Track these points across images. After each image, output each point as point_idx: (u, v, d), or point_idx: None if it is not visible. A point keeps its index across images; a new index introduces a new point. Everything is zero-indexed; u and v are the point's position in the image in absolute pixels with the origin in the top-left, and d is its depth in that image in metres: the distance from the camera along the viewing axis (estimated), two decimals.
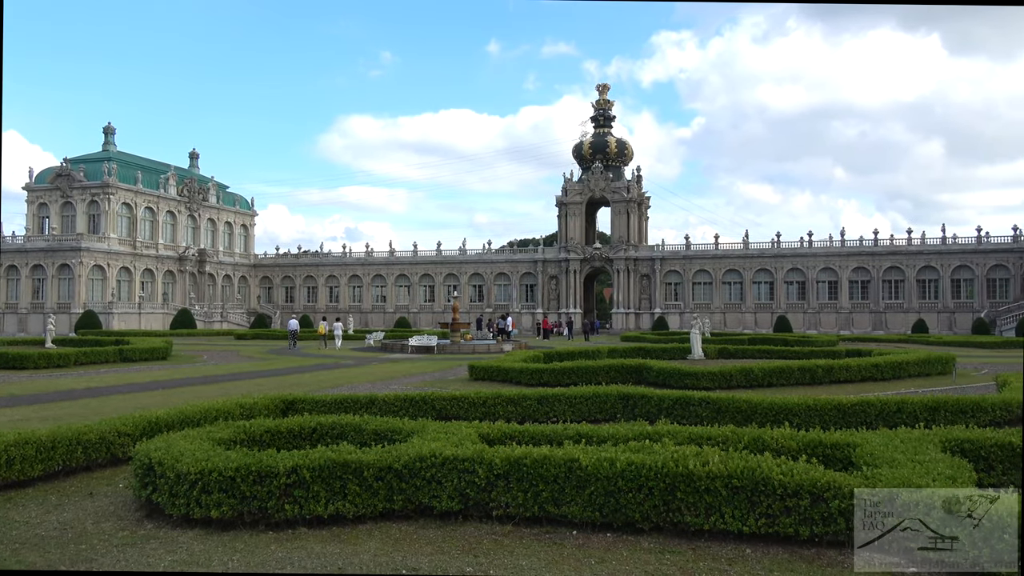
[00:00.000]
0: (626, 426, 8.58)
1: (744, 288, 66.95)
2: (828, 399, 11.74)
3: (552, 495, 6.77)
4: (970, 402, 11.68)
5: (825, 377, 18.95)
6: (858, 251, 64.65)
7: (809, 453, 7.57)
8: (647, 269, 69.15)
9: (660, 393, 13.02)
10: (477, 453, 7.03)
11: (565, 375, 18.62)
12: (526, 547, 6.31)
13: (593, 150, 72.64)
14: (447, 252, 75.66)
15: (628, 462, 6.62)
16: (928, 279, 63.14)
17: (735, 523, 6.31)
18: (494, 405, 12.54)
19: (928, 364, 21.07)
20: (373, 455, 7.06)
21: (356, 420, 9.19)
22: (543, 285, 71.47)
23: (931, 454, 7.07)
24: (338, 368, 25.74)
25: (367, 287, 76.65)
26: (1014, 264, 61.34)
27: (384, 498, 6.97)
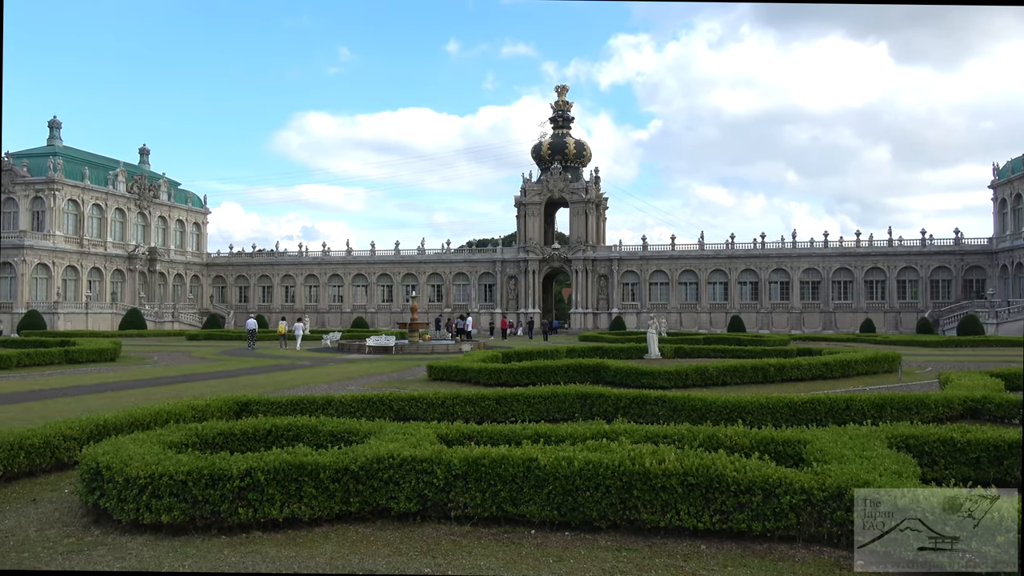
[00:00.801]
0: (584, 425, 8.65)
1: (699, 288, 68.03)
2: (780, 397, 11.99)
3: (510, 495, 6.78)
4: (915, 399, 12.06)
5: (777, 376, 19.36)
6: (809, 253, 66.26)
7: (762, 450, 7.73)
8: (605, 269, 69.76)
9: (617, 392, 13.15)
10: (435, 454, 7.00)
11: (524, 375, 18.66)
12: (484, 547, 6.31)
13: (552, 151, 72.99)
14: (405, 252, 75.20)
15: (586, 461, 6.67)
16: (875, 280, 65.05)
17: (690, 520, 6.41)
18: (452, 405, 12.51)
19: (875, 363, 21.69)
20: (329, 457, 6.98)
21: (312, 421, 9.07)
22: (502, 285, 71.55)
23: (878, 450, 7.28)
24: (294, 369, 25.37)
25: (324, 287, 75.73)
26: (955, 266, 63.61)
27: (341, 500, 6.89)
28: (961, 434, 8.25)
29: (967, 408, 12.39)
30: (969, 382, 14.31)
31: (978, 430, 8.40)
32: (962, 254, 63.77)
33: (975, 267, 63.59)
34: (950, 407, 12.18)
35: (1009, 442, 8.09)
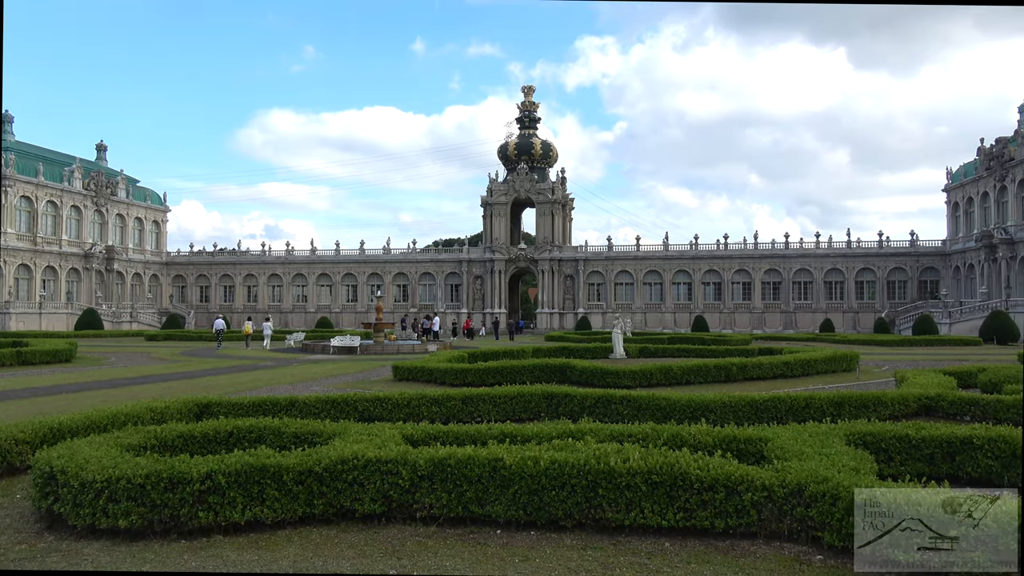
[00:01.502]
0: (550, 425, 8.68)
1: (664, 289, 68.74)
2: (742, 396, 12.18)
3: (476, 495, 6.77)
4: (872, 397, 12.34)
5: (740, 375, 19.65)
6: (770, 254, 67.41)
7: (724, 448, 7.84)
8: (571, 270, 70.09)
9: (583, 392, 13.22)
10: (401, 454, 6.96)
11: (490, 375, 18.65)
12: (450, 548, 6.29)
13: (518, 151, 73.10)
14: (371, 251, 74.62)
15: (552, 460, 6.69)
16: (834, 281, 66.44)
17: (654, 518, 6.48)
18: (418, 406, 12.45)
19: (834, 362, 22.16)
20: (293, 458, 6.89)
21: (275, 423, 8.95)
22: (468, 285, 71.43)
23: (836, 447, 7.44)
24: (256, 369, 25.00)
25: (287, 286, 74.77)
26: (911, 267, 65.31)
27: (304, 502, 6.81)
28: (916, 431, 8.47)
29: (922, 406, 12.72)
30: (924, 380, 14.69)
31: (932, 427, 8.63)
32: (917, 256, 65.51)
33: (930, 268, 65.37)
34: (906, 405, 12.49)
35: (961, 438, 8.33)
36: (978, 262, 59.19)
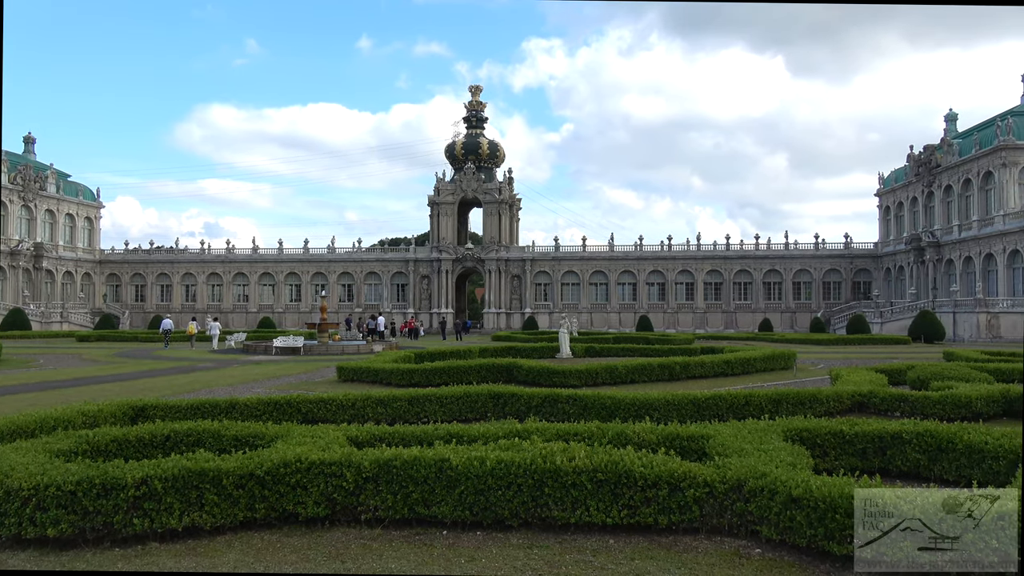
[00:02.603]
0: (496, 425, 8.69)
1: (609, 289, 69.59)
2: (685, 394, 12.41)
3: (422, 496, 6.73)
4: (808, 394, 12.73)
5: (683, 373, 20.01)
6: (712, 255, 68.94)
7: (668, 445, 7.98)
8: (518, 270, 70.30)
9: (529, 391, 13.27)
10: (345, 456, 6.87)
11: (436, 375, 18.56)
12: (395, 549, 6.24)
13: (465, 151, 72.95)
14: (315, 250, 73.40)
15: (498, 460, 6.70)
16: (773, 282, 68.37)
17: (600, 515, 6.55)
18: (363, 407, 12.30)
19: (773, 360, 22.79)
20: (233, 462, 6.73)
21: (215, 426, 8.72)
22: (415, 285, 70.94)
23: (775, 443, 7.65)
24: (195, 371, 24.30)
25: (228, 286, 72.94)
26: (845, 269, 67.73)
27: (245, 507, 6.65)
28: (849, 427, 8.78)
29: (855, 402, 13.18)
30: (857, 378, 15.23)
31: (864, 423, 8.95)
32: (851, 258, 67.96)
33: (863, 270, 67.89)
34: (840, 401, 12.93)
35: (891, 433, 8.66)
36: (907, 264, 61.73)
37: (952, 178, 56.71)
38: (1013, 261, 48.39)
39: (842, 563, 5.76)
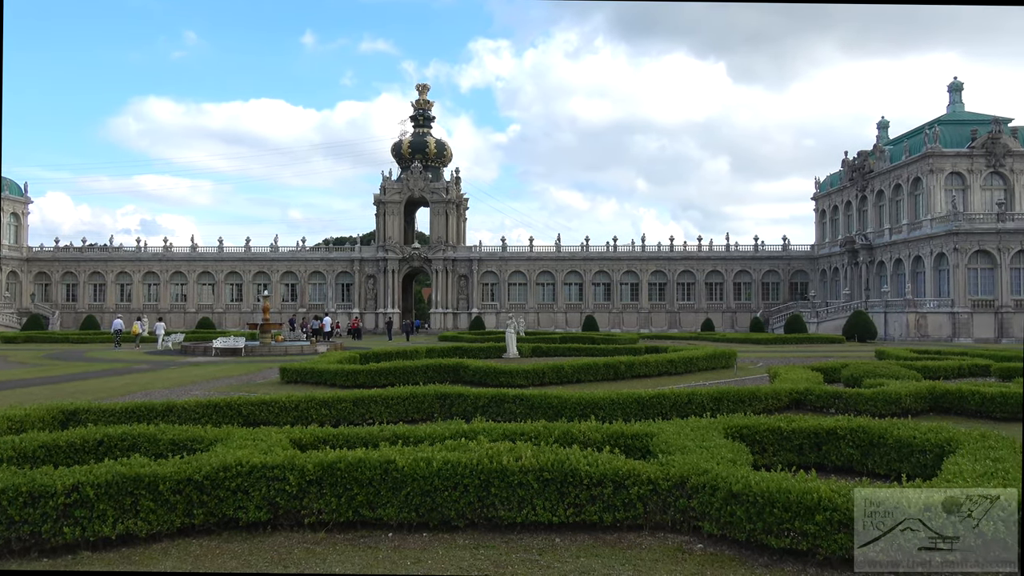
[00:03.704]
0: (443, 425, 8.65)
1: (556, 289, 70.05)
2: (630, 393, 12.58)
3: (367, 498, 6.65)
4: (747, 392, 13.06)
5: (627, 372, 20.29)
6: (656, 256, 70.09)
7: (613, 444, 8.08)
8: (465, 270, 70.15)
9: (476, 391, 13.26)
10: (288, 459, 6.74)
11: (382, 376, 18.38)
12: (340, 553, 6.15)
13: (412, 149, 72.40)
14: (257, 249, 71.75)
15: (444, 461, 6.67)
16: (715, 282, 69.92)
17: (546, 514, 6.58)
18: (307, 408, 12.10)
19: (714, 359, 23.31)
20: (170, 467, 6.53)
21: (151, 430, 8.45)
22: (360, 285, 70.07)
23: (716, 440, 7.82)
24: (130, 373, 23.49)
25: (165, 285, 70.70)
26: (783, 270, 69.75)
27: (183, 513, 6.46)
28: (787, 423, 9.04)
29: (792, 400, 13.58)
30: (794, 376, 15.71)
31: (801, 419, 9.24)
32: (789, 259, 70.02)
33: (799, 271, 70.01)
34: (778, 399, 13.30)
35: (827, 430, 8.96)
36: (842, 266, 63.94)
37: (884, 183, 58.98)
38: (939, 263, 50.63)
39: (779, 556, 5.93)
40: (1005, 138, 52.19)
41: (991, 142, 51.98)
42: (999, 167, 52.28)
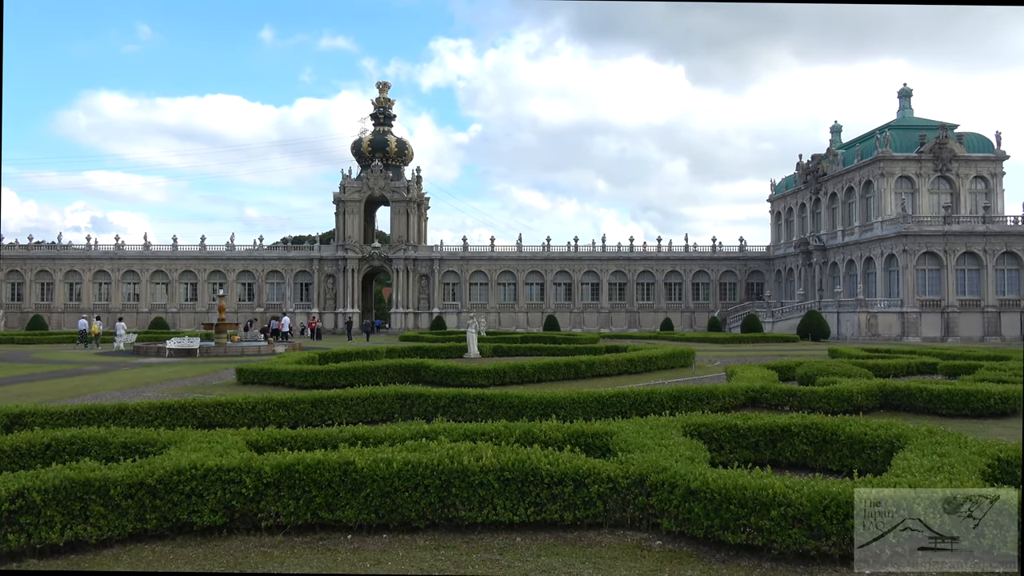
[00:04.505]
0: (403, 426, 8.60)
1: (517, 289, 70.17)
2: (590, 392, 12.67)
3: (326, 500, 6.57)
4: (705, 391, 13.26)
5: (588, 372, 20.43)
6: (616, 256, 70.73)
7: (573, 443, 8.12)
8: (426, 269, 69.82)
9: (437, 392, 13.21)
10: (244, 462, 6.62)
11: (341, 376, 18.19)
12: (298, 556, 6.07)
13: (373, 148, 71.77)
14: (213, 247, 70.30)
15: (405, 462, 6.63)
16: (674, 282, 70.84)
17: (507, 514, 6.59)
18: (264, 410, 11.91)
19: (673, 358, 23.61)
20: (122, 471, 6.36)
21: (101, 432, 8.22)
22: (319, 284, 69.19)
23: (674, 438, 7.92)
24: (80, 375, 22.83)
25: (117, 284, 68.81)
26: (740, 271, 71.01)
27: (135, 517, 6.30)
28: (743, 421, 9.21)
29: (749, 398, 13.83)
30: (750, 375, 16.00)
31: (757, 417, 9.41)
32: (745, 260, 71.33)
33: (756, 271, 71.36)
34: (735, 397, 13.53)
35: (781, 427, 9.14)
36: (796, 266, 65.36)
37: (837, 186, 60.47)
38: (889, 264, 52.09)
39: (736, 552, 6.03)
40: (951, 143, 53.96)
41: (938, 147, 53.70)
42: (946, 171, 54.03)
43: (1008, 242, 49.87)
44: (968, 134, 55.61)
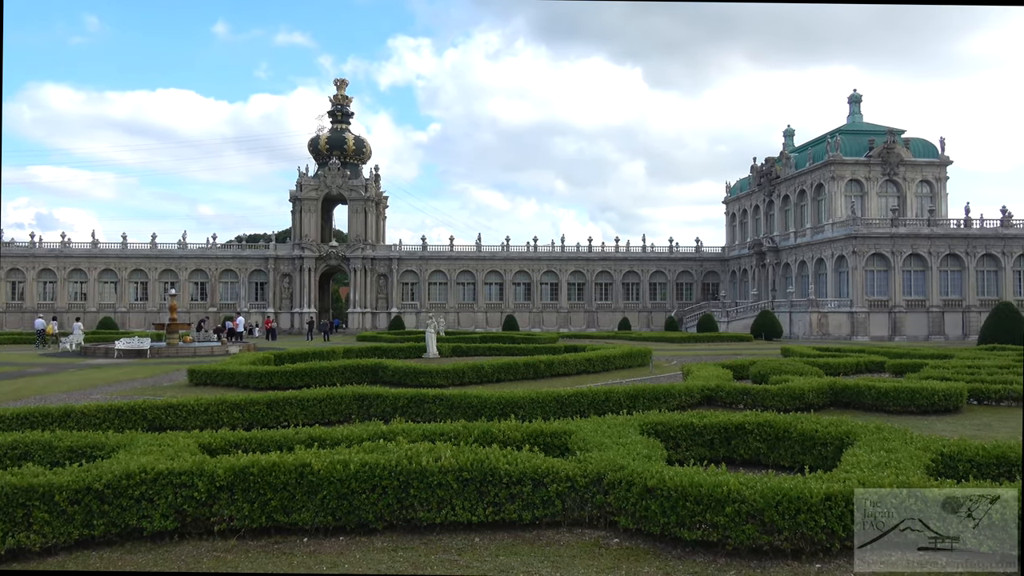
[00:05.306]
0: (361, 427, 8.52)
1: (477, 289, 70.08)
2: (549, 392, 12.72)
3: (282, 503, 6.47)
4: (662, 390, 13.43)
5: (547, 371, 20.52)
6: (575, 256, 71.18)
7: (532, 442, 8.15)
8: (384, 269, 69.26)
9: (395, 392, 13.12)
10: (196, 465, 6.47)
11: (298, 377, 17.93)
12: (252, 560, 5.96)
13: (330, 145, 70.88)
14: (164, 245, 68.60)
15: (362, 463, 6.56)
16: (631, 283, 71.60)
17: (465, 514, 6.57)
18: (217, 412, 11.67)
19: (631, 357, 23.86)
20: (67, 476, 6.16)
21: (46, 436, 7.96)
22: (275, 283, 68.05)
23: (632, 437, 8.00)
24: (23, 377, 22.05)
25: (63, 283, 66.64)
26: (696, 271, 72.12)
27: (82, 524, 6.11)
28: (699, 419, 9.34)
29: (704, 396, 14.05)
30: (706, 373, 16.25)
31: (712, 415, 9.56)
32: (701, 261, 72.46)
33: (711, 272, 72.56)
34: (691, 395, 13.74)
35: (735, 424, 9.31)
36: (751, 267, 66.64)
37: (789, 188, 61.82)
38: (839, 265, 53.47)
39: (692, 548, 6.12)
40: (899, 148, 55.63)
41: (886, 152, 55.31)
42: (893, 175, 55.69)
43: (951, 244, 51.63)
44: (914, 139, 57.42)
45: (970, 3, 3.83)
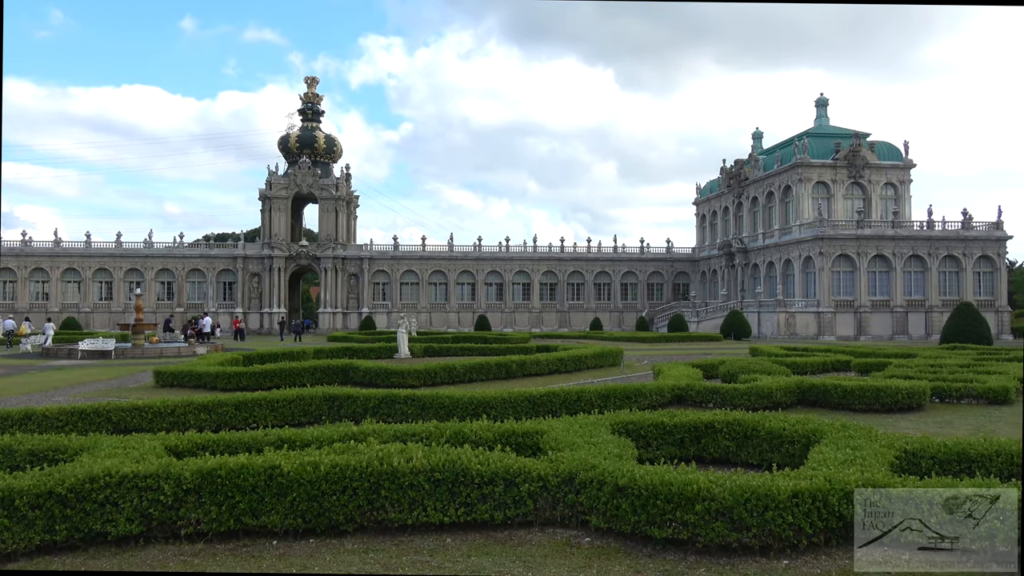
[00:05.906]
0: (331, 428, 8.45)
1: (449, 289, 69.92)
2: (521, 392, 12.73)
3: (251, 506, 6.38)
4: (633, 389, 13.52)
5: (519, 371, 20.53)
6: (547, 257, 71.37)
7: (504, 442, 8.14)
8: (355, 268, 68.75)
9: (366, 393, 13.02)
10: (163, 468, 6.36)
11: (267, 378, 17.72)
12: (220, 564, 5.87)
13: (301, 144, 70.15)
14: (129, 244, 67.34)
15: (332, 464, 6.50)
16: (603, 283, 72.01)
17: (437, 515, 6.55)
18: (184, 413, 11.49)
19: (602, 357, 23.98)
20: (28, 479, 6.02)
21: (5, 440, 7.78)
22: (244, 283, 67.18)
23: (603, 436, 8.04)
24: None
25: (23, 282, 65.06)
26: (667, 271, 72.77)
27: (43, 529, 5.97)
28: (669, 418, 9.42)
29: (675, 395, 14.16)
30: (676, 373, 16.39)
31: (682, 414, 9.64)
32: (672, 261, 73.14)
33: (682, 272, 73.28)
34: (662, 395, 13.84)
35: (705, 423, 9.40)
36: (720, 268, 67.42)
37: (758, 190, 62.66)
38: (807, 266, 54.33)
39: (662, 546, 6.17)
40: (864, 151, 56.69)
41: (852, 155, 56.35)
42: (859, 178, 56.74)
43: (914, 246, 52.76)
44: (879, 143, 58.56)
45: (970, 3, 3.81)
